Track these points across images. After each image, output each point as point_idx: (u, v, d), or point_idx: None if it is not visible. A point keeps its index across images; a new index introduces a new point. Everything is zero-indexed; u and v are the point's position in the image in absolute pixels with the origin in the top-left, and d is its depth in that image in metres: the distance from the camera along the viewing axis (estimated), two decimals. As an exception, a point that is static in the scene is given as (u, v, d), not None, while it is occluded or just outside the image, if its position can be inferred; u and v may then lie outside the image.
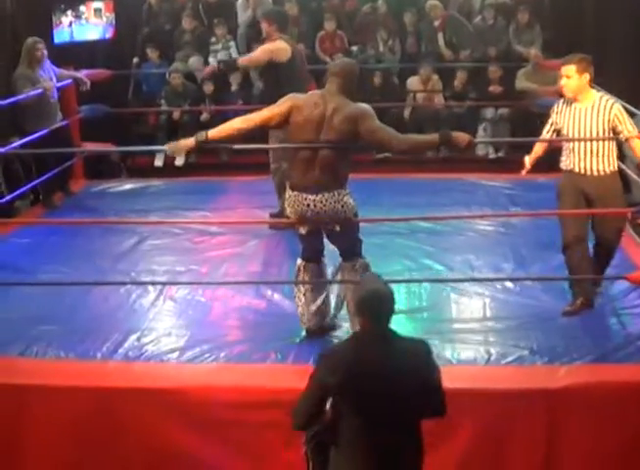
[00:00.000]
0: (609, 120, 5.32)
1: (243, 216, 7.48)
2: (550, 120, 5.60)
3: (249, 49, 11.04)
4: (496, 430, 4.63)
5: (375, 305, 3.62)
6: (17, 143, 7.59)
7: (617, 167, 5.49)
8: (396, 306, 5.61)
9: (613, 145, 5.42)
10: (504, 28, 11.04)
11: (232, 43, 11.05)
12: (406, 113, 10.43)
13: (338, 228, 4.97)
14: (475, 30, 11.14)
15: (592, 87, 5.49)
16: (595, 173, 5.39)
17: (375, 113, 4.89)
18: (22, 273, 6.30)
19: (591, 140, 5.36)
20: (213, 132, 4.93)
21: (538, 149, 5.80)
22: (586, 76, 5.34)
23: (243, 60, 7.28)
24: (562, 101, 5.53)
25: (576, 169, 5.43)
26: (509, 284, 5.93)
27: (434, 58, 10.85)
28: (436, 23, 11.03)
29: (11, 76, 7.87)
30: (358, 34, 11.24)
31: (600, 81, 7.89)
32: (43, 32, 8.57)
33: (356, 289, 3.86)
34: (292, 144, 4.99)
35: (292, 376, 4.84)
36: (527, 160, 5.79)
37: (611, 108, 5.33)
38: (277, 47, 6.86)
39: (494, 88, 10.26)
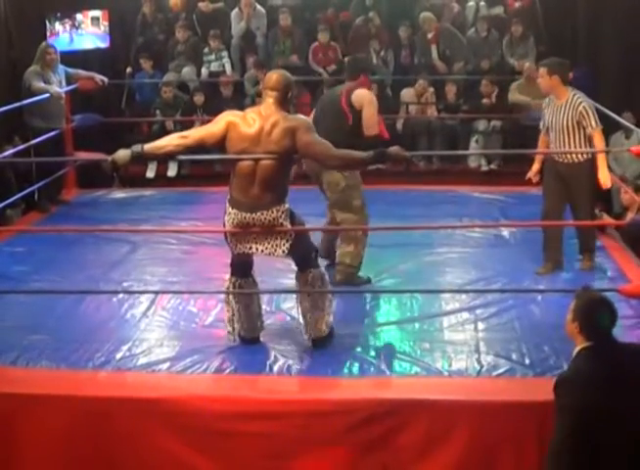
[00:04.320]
0: (574, 116, 6.09)
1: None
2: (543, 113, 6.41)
3: (241, 60, 11.09)
4: (487, 442, 4.62)
5: (600, 318, 3.65)
6: (9, 151, 7.58)
7: (587, 156, 6.17)
8: (387, 318, 5.72)
9: (580, 137, 6.15)
10: (497, 41, 11.08)
11: (225, 54, 11.07)
12: (399, 124, 10.46)
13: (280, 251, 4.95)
14: (468, 43, 11.18)
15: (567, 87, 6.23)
16: (565, 160, 6.22)
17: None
18: (13, 282, 6.29)
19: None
20: (149, 147, 4.91)
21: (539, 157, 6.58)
22: (556, 78, 6.16)
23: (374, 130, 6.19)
24: (548, 98, 6.36)
25: (555, 157, 6.28)
26: (500, 296, 5.93)
27: (427, 70, 10.88)
28: (430, 36, 11.06)
29: (6, 82, 7.88)
30: (352, 46, 11.25)
31: (592, 93, 7.95)
32: (37, 40, 8.57)
33: (576, 305, 3.80)
34: (234, 157, 4.85)
35: (283, 387, 4.86)
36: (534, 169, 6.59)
37: (578, 105, 6.11)
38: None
39: (487, 101, 10.28)
